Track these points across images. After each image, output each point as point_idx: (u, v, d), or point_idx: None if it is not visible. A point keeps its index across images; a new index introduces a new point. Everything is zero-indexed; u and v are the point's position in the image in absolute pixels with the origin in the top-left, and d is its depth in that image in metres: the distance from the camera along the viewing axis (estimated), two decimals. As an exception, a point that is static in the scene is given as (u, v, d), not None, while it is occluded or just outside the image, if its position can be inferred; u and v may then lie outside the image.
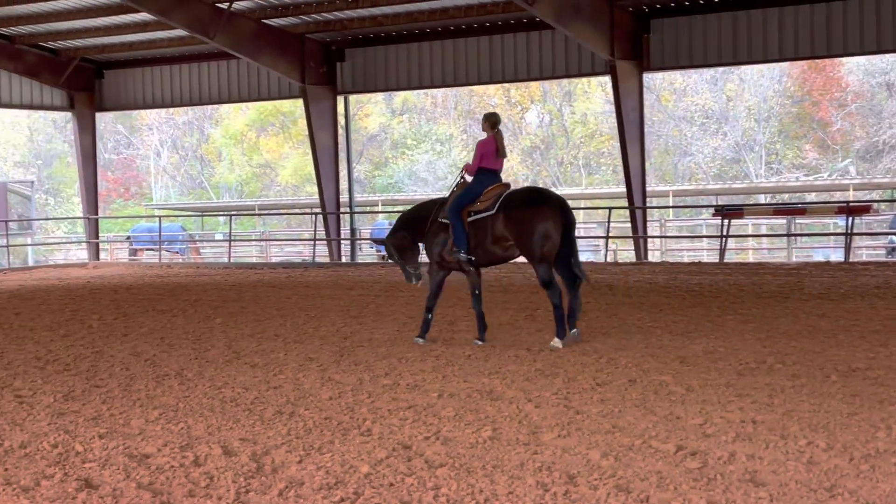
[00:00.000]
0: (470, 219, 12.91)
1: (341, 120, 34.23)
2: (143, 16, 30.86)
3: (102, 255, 41.16)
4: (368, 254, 39.24)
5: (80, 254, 45.05)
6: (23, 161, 67.94)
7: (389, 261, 14.10)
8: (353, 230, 34.55)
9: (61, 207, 66.70)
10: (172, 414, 9.05)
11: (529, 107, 62.37)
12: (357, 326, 14.91)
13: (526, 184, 58.73)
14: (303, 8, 29.72)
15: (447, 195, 13.55)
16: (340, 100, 33.75)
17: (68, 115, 40.63)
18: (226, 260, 35.64)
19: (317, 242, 34.37)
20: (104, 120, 55.64)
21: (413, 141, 62.84)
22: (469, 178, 13.24)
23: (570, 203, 13.20)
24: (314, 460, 7.37)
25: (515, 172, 60.60)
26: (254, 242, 47.70)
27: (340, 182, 33.67)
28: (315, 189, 35.88)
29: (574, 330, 12.71)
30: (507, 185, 13.12)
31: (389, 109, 63.81)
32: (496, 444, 7.71)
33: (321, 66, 32.45)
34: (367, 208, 48.28)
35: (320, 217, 33.71)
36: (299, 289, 21.98)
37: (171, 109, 58.99)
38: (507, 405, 9.07)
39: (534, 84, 55.86)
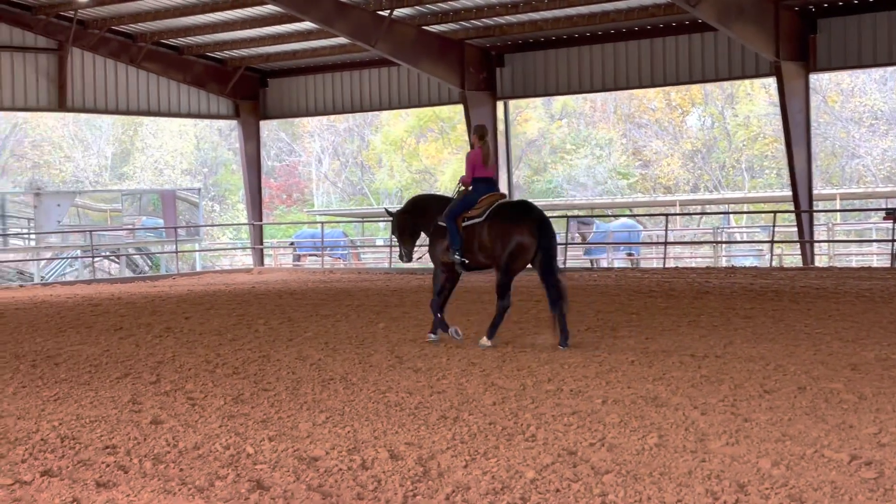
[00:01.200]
0: (464, 224, 13.69)
1: (500, 125, 34.28)
2: (306, 24, 31.45)
3: (266, 261, 42.01)
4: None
5: (245, 259, 46.09)
6: (190, 169, 69.68)
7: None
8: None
9: (226, 214, 68.19)
10: (339, 417, 9.17)
11: (690, 110, 61.45)
12: (518, 332, 14.90)
13: (687, 189, 58.05)
14: (462, 14, 29.89)
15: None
16: (500, 105, 33.82)
17: (233, 123, 41.61)
18: (386, 265, 35.97)
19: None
20: (267, 127, 56.72)
21: (572, 145, 62.48)
22: (464, 188, 14.09)
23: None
24: (480, 465, 7.38)
25: (676, 177, 59.76)
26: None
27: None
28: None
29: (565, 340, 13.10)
30: (503, 195, 14.04)
31: (548, 114, 63.57)
32: (663, 451, 7.61)
33: (481, 72, 32.56)
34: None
35: (480, 222, 33.77)
36: (459, 293, 21.93)
37: (332, 116, 59.91)
38: (673, 412, 8.95)
39: (695, 87, 55.01)
